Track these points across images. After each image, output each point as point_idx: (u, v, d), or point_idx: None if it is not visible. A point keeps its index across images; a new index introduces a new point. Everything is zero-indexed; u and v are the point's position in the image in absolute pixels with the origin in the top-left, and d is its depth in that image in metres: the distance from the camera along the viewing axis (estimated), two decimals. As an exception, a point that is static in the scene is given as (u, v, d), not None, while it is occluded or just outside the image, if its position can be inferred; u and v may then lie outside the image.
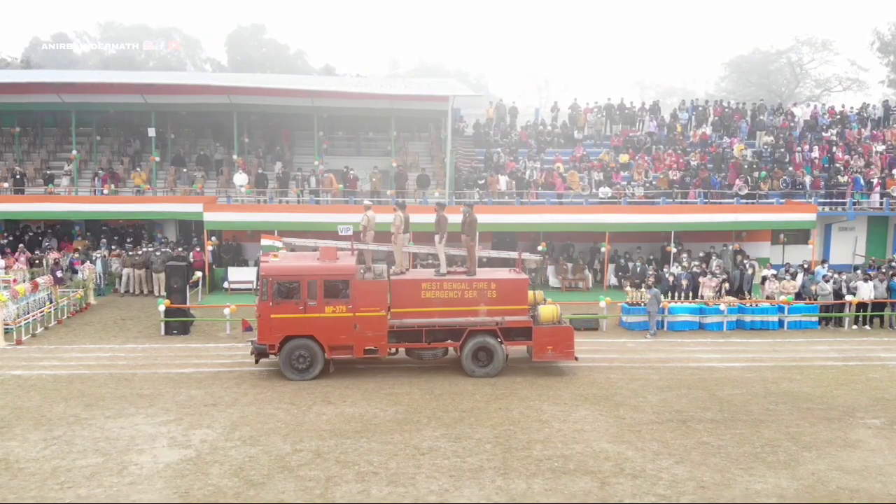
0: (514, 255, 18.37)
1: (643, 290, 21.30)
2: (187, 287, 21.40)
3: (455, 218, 17.63)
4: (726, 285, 22.40)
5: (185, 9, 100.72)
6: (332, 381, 15.83)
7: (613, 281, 27.27)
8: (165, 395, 14.90)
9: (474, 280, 16.40)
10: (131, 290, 25.65)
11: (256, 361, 16.46)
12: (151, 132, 28.36)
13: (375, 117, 32.37)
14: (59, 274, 23.90)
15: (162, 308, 20.19)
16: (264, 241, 17.92)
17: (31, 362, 17.38)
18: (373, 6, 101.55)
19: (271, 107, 29.58)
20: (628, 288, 21.88)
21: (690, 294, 21.95)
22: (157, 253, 25.46)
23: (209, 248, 25.59)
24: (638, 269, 26.54)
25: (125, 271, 25.86)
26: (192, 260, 25.77)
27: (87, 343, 19.28)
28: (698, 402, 14.67)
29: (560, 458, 11.76)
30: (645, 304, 20.61)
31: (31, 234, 28.83)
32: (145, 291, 25.55)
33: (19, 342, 19.08)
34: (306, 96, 28.99)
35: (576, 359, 16.63)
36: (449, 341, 16.41)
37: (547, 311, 16.72)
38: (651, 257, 27.83)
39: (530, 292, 16.85)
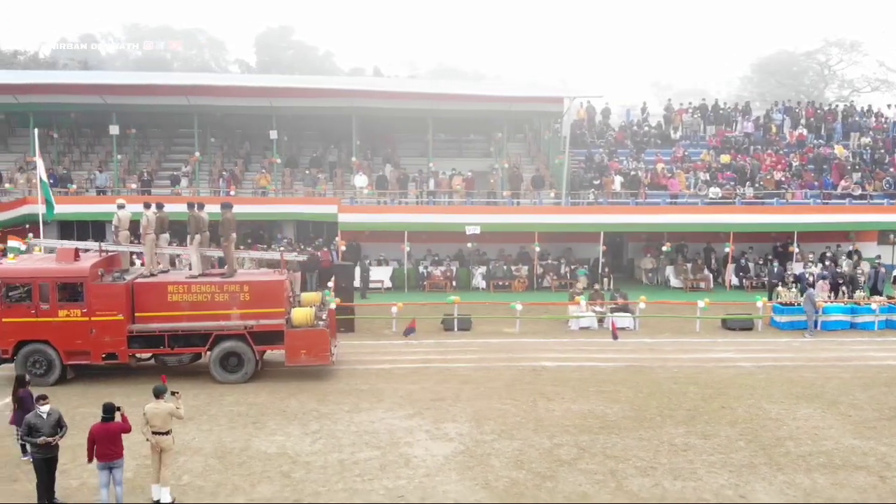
0: (276, 256, 17.70)
1: (794, 290, 21.60)
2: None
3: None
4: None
5: (210, 11, 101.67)
6: (535, 379, 16.25)
7: (735, 281, 27.55)
8: (384, 389, 15.34)
9: (225, 282, 15.85)
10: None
11: None
12: (273, 134, 28.84)
13: (479, 119, 32.71)
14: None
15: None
16: (10, 243, 17.89)
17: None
18: (390, 7, 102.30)
19: (387, 110, 29.89)
20: (780, 288, 22.17)
21: (843, 293, 22.18)
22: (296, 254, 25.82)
23: (342, 247, 26.08)
24: (754, 268, 26.87)
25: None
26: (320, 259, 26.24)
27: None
28: (908, 400, 14.98)
29: (820, 454, 12.08)
30: (800, 304, 20.92)
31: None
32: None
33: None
34: (425, 99, 29.37)
35: (332, 363, 16.28)
36: (196, 347, 15.93)
37: (300, 314, 16.07)
38: (769, 256, 28.13)
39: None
